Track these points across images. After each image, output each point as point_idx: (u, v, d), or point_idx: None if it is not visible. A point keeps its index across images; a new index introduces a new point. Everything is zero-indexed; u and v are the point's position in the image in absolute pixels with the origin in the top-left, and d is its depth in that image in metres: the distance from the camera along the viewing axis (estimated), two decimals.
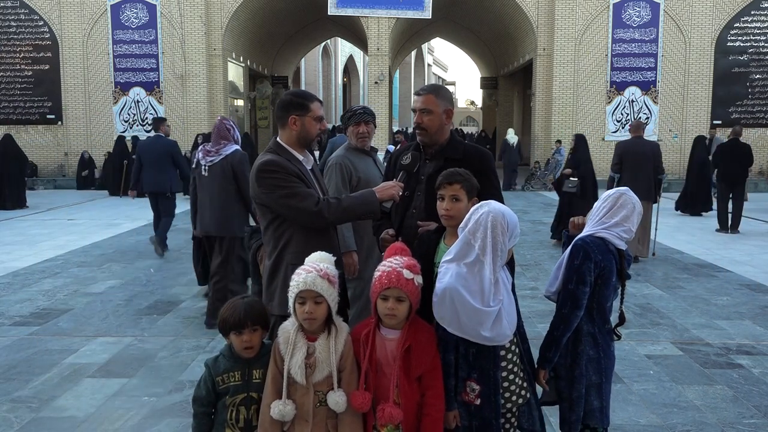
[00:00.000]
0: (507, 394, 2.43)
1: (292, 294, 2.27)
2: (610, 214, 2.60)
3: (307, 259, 2.38)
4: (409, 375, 2.28)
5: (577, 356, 2.61)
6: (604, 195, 2.70)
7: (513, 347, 2.45)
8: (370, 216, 2.94)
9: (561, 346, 2.58)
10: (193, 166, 5.63)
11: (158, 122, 9.18)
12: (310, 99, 2.94)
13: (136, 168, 8.67)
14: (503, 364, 2.41)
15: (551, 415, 3.59)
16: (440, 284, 2.37)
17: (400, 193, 2.90)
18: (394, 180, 3.01)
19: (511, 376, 2.44)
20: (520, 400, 2.48)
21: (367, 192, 2.90)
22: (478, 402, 2.36)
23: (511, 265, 2.54)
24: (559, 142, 18.22)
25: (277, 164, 2.83)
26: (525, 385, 2.50)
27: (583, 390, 2.61)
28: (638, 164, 8.36)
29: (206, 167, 5.38)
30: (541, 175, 18.48)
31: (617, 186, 9.00)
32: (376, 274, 2.31)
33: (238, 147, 5.48)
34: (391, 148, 16.09)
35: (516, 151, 19.07)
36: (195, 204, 5.56)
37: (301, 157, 2.94)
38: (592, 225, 2.64)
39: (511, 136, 19.26)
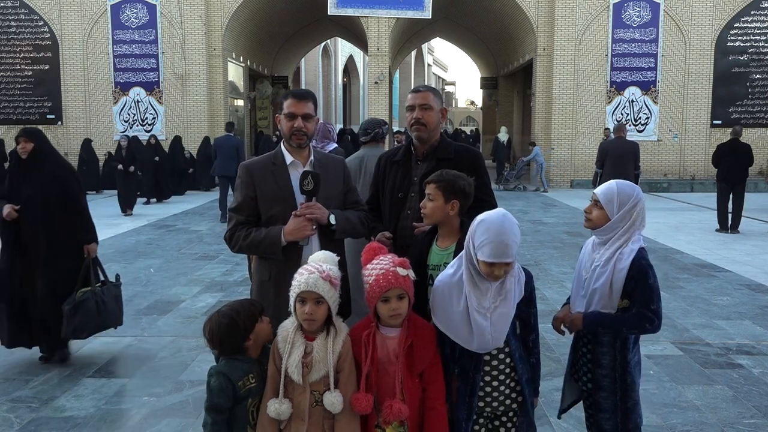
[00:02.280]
0: (488, 399, 2.39)
1: (293, 294, 2.27)
2: (638, 220, 2.52)
3: (310, 258, 2.38)
4: (412, 371, 2.29)
5: (626, 365, 2.56)
6: (627, 199, 2.52)
7: (501, 355, 2.39)
8: (272, 257, 2.76)
9: (610, 334, 2.54)
10: None
11: (230, 126, 13.04)
12: (286, 96, 2.88)
13: (213, 158, 12.58)
14: (486, 369, 2.37)
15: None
16: (440, 276, 2.41)
17: (314, 227, 2.72)
18: (300, 209, 2.74)
19: (495, 383, 2.39)
20: (502, 407, 2.41)
21: (276, 231, 2.73)
22: (454, 399, 2.37)
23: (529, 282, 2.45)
24: (533, 144, 18.45)
25: (245, 168, 2.89)
26: (514, 395, 2.42)
27: (637, 397, 2.58)
28: (619, 161, 9.65)
29: None
30: (509, 175, 18.66)
31: (600, 180, 9.76)
32: (370, 278, 2.28)
33: (336, 145, 6.56)
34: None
35: (506, 147, 20.63)
36: None
37: (290, 159, 2.86)
38: (628, 230, 2.51)
39: (502, 134, 20.92)
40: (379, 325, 2.33)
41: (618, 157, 9.73)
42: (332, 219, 2.77)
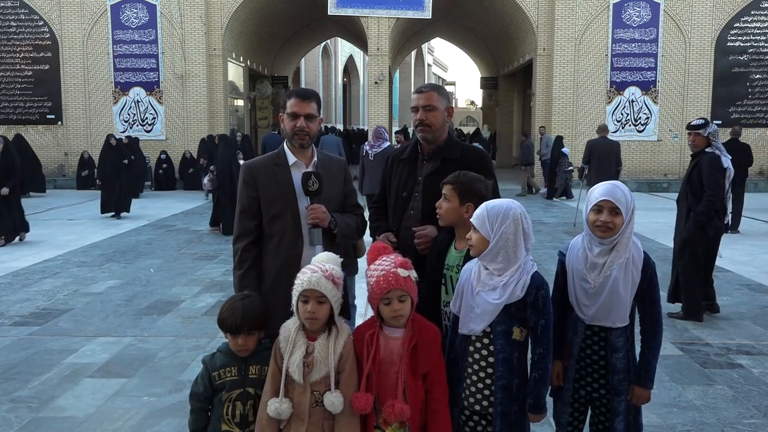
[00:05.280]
0: (465, 393, 2.39)
1: (295, 293, 2.27)
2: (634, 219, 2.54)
3: (314, 259, 2.39)
4: (416, 373, 2.29)
5: (635, 361, 2.61)
6: (631, 199, 2.47)
7: (484, 351, 2.36)
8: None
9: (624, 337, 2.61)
10: (363, 154, 9.36)
11: (276, 126, 14.57)
12: (290, 95, 2.87)
13: (262, 153, 16.01)
14: (469, 360, 2.38)
15: None
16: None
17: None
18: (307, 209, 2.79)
19: (474, 378, 2.37)
20: (477, 406, 2.37)
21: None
22: None
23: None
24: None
25: (247, 167, 2.89)
26: (492, 399, 2.34)
27: None
28: (604, 158, 10.90)
29: (373, 155, 9.13)
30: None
31: (587, 174, 10.93)
32: (371, 280, 2.27)
33: (389, 143, 7.96)
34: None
35: (489, 143, 23.09)
36: (363, 176, 9.24)
37: (292, 160, 2.85)
38: (632, 231, 2.50)
39: (485, 131, 24.72)
40: (383, 325, 2.32)
41: (602, 155, 10.92)
42: (333, 225, 2.81)
